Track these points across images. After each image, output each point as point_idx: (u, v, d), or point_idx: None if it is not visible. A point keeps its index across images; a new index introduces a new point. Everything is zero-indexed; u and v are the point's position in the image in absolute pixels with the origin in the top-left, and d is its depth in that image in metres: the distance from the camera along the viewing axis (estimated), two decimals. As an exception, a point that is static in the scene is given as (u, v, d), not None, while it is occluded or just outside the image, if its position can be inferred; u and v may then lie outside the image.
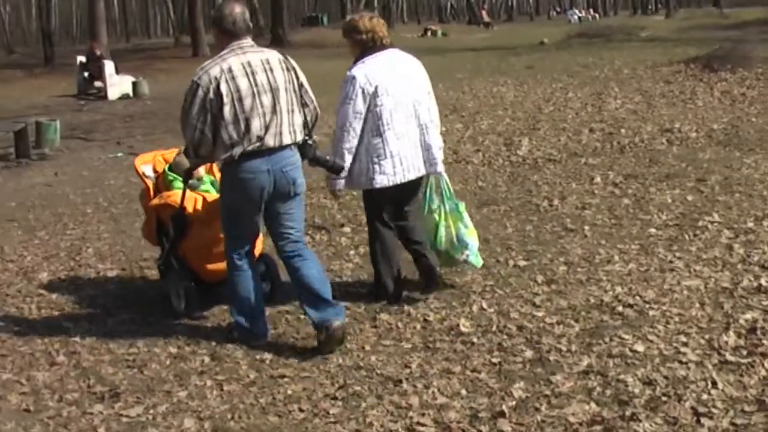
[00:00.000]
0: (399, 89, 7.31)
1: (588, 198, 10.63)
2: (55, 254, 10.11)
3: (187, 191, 7.52)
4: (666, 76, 21.78)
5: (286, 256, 6.86)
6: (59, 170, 16.03)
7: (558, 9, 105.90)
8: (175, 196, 7.67)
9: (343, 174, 7.25)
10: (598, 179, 11.48)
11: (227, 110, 6.41)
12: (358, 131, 7.20)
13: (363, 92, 7.17)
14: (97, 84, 29.75)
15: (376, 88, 7.18)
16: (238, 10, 6.65)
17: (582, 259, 8.32)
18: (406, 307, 7.35)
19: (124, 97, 28.81)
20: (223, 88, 6.40)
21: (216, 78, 6.42)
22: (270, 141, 6.51)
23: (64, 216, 12.00)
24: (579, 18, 77.86)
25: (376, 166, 7.27)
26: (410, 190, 7.57)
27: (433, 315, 7.17)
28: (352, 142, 7.20)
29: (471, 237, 7.70)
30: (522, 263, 8.34)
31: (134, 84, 29.52)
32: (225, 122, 6.43)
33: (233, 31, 6.62)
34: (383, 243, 7.56)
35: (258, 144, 6.48)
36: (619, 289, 7.45)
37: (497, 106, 19.00)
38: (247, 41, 6.67)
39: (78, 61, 31.24)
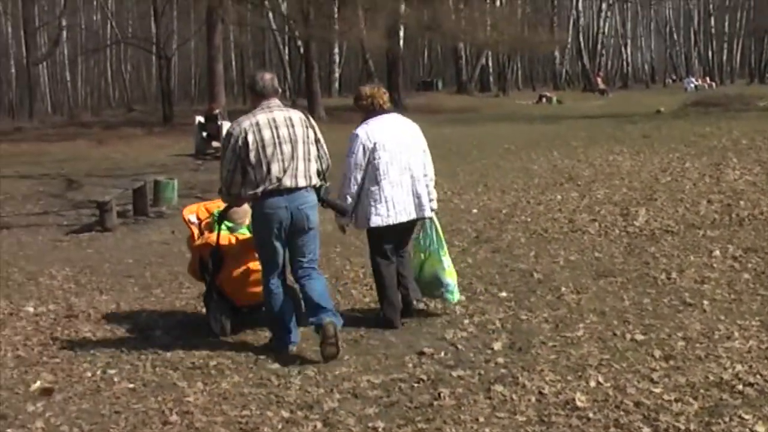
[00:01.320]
0: (395, 146, 8.82)
1: (707, 271, 10.43)
2: (171, 312, 10.22)
3: (223, 232, 9.01)
4: (786, 148, 21.40)
5: (298, 278, 8.42)
6: (176, 228, 16.22)
7: (674, 77, 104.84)
8: (213, 236, 9.07)
9: (348, 214, 8.80)
10: (717, 252, 11.28)
11: (252, 156, 7.94)
12: (359, 180, 8.76)
13: (363, 148, 8.73)
14: (215, 144, 30.02)
15: (374, 144, 8.74)
16: (268, 76, 8.32)
17: (701, 335, 8.14)
18: (520, 379, 7.25)
19: (241, 157, 29.11)
20: (250, 138, 7.94)
21: (245, 129, 7.98)
22: (287, 182, 8.01)
23: (180, 274, 12.10)
24: (695, 86, 76.98)
25: (373, 209, 8.77)
26: (404, 230, 9.07)
27: (548, 388, 7.06)
28: (352, 188, 8.77)
29: (449, 277, 9.17)
30: (639, 337, 8.19)
31: (251, 145, 29.84)
32: (251, 165, 7.96)
33: (263, 93, 8.19)
34: (382, 275, 9.02)
35: (277, 184, 7.98)
36: (739, 366, 7.26)
37: (613, 175, 18.81)
38: (275, 101, 8.22)
39: (196, 121, 31.74)
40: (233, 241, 9.06)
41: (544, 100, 61.74)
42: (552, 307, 9.34)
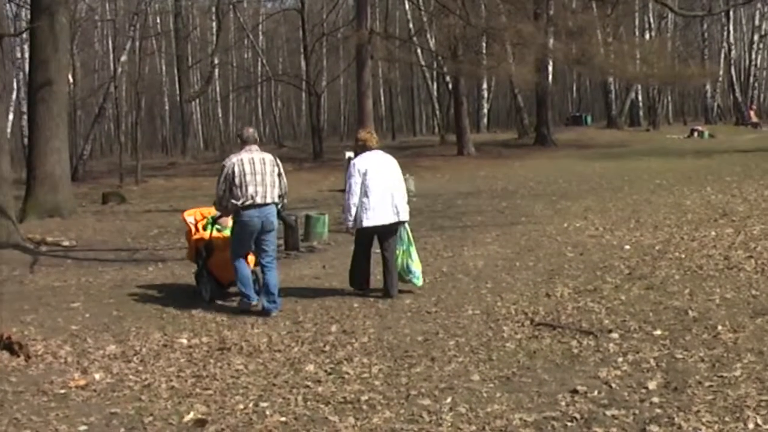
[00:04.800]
0: (379, 172, 12.67)
1: None
2: (322, 346, 10.27)
3: (214, 232, 13.28)
4: None
5: (261, 264, 12.43)
6: (327, 263, 16.31)
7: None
8: (207, 233, 13.37)
9: (350, 219, 12.68)
10: None
11: (237, 181, 11.98)
12: (358, 193, 12.54)
13: (359, 171, 12.63)
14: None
15: (366, 170, 12.61)
16: (251, 131, 12.55)
17: None
18: (676, 420, 7.06)
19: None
20: (236, 169, 12.01)
21: (233, 164, 12.06)
22: (258, 200, 12.05)
23: (331, 309, 12.19)
24: None
25: (364, 215, 12.58)
26: (386, 230, 12.77)
27: (705, 429, 6.87)
28: (354, 199, 12.57)
29: (415, 267, 12.98)
30: (800, 377, 7.96)
31: (400, 180, 29.86)
32: (235, 187, 11.99)
33: (246, 141, 12.34)
34: (358, 261, 13.11)
35: (251, 201, 11.98)
36: None
37: (769, 210, 18.41)
38: (254, 147, 12.31)
39: (346, 157, 31.86)
40: (221, 238, 13.15)
41: (695, 134, 60.58)
42: (708, 346, 9.14)
